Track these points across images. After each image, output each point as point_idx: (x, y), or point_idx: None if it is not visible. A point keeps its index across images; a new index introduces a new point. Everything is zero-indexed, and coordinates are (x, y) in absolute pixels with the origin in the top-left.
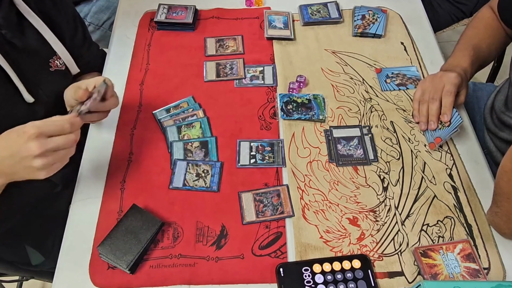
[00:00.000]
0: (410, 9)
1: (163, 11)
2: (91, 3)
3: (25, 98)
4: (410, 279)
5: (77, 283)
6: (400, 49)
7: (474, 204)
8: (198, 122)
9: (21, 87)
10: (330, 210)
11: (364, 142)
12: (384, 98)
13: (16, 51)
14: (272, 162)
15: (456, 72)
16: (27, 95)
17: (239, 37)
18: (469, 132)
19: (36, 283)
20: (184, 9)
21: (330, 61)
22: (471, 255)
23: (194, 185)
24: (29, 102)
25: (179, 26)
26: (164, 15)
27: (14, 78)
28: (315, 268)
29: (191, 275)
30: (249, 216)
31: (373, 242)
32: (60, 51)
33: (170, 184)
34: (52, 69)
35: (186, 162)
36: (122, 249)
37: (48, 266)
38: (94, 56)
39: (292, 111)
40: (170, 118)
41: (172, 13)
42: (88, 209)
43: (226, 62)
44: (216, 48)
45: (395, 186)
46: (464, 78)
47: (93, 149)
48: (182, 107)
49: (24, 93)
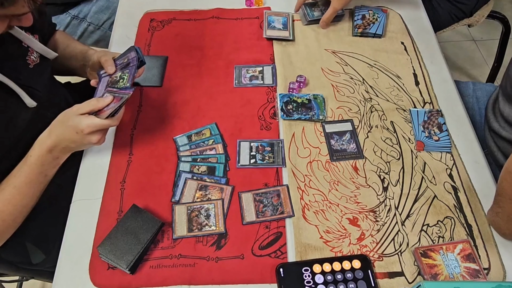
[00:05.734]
0: (410, 9)
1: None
2: (91, 3)
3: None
4: (410, 280)
5: (77, 283)
6: (400, 49)
7: (474, 204)
8: (215, 158)
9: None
10: (330, 210)
11: (356, 137)
12: (384, 98)
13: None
14: (272, 162)
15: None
16: (29, 100)
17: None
18: (469, 132)
19: (36, 283)
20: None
21: (330, 61)
22: (471, 256)
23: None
24: (32, 107)
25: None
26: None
27: (13, 86)
28: (315, 268)
29: (191, 275)
30: (249, 216)
31: (373, 242)
32: (33, 45)
33: (173, 197)
34: (31, 66)
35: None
36: (122, 249)
37: (48, 266)
38: (47, 17)
39: (292, 111)
40: (189, 149)
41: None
42: (88, 209)
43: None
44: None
45: (395, 186)
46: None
47: (93, 149)
48: (204, 134)
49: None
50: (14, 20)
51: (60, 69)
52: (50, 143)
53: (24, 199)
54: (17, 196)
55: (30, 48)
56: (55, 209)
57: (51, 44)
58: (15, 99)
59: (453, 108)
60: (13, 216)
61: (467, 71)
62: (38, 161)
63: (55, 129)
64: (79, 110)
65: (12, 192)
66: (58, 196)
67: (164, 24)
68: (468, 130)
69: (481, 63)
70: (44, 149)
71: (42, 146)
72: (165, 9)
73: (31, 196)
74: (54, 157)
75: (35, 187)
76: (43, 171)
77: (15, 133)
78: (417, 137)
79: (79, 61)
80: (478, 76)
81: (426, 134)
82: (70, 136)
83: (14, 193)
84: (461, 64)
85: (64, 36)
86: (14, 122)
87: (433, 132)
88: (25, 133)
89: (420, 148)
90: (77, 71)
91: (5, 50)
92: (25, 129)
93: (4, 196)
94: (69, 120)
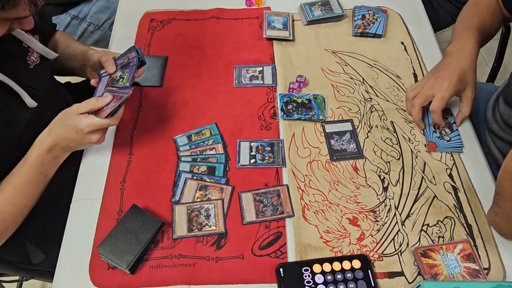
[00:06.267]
0: (410, 9)
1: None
2: (91, 3)
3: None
4: (410, 279)
5: (77, 283)
6: (400, 49)
7: (474, 204)
8: (215, 158)
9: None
10: (330, 210)
11: (356, 137)
12: (384, 98)
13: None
14: (272, 162)
15: (451, 80)
16: (30, 100)
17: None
18: (469, 132)
19: (36, 283)
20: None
21: (330, 61)
22: (471, 255)
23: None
24: (32, 107)
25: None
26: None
27: (14, 86)
28: (315, 268)
29: (191, 275)
30: (249, 216)
31: (373, 242)
32: (33, 45)
33: (173, 197)
34: (31, 66)
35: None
36: (122, 249)
37: (48, 266)
38: (47, 18)
39: (292, 111)
40: (189, 149)
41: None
42: (88, 209)
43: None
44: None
45: (395, 186)
46: (465, 81)
47: (93, 149)
48: (204, 134)
49: (27, 98)
50: (16, 23)
51: (60, 70)
52: (50, 142)
53: (24, 199)
54: (17, 196)
55: (31, 49)
56: (55, 209)
57: (51, 45)
58: (15, 99)
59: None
60: (13, 216)
61: None
62: (38, 161)
63: (55, 128)
64: (79, 110)
65: (12, 192)
66: (58, 196)
67: (164, 24)
68: (468, 130)
69: (481, 63)
70: (44, 149)
71: (42, 145)
72: (165, 9)
73: (31, 196)
74: (54, 156)
75: (35, 186)
76: (43, 170)
77: (15, 133)
78: (429, 138)
79: (79, 61)
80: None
81: (438, 134)
82: (70, 135)
83: (14, 193)
84: None
85: (64, 37)
86: (15, 122)
87: (444, 132)
88: (25, 133)
89: (432, 149)
90: (77, 71)
91: (5, 50)
92: (25, 129)
93: (4, 195)
94: (69, 119)
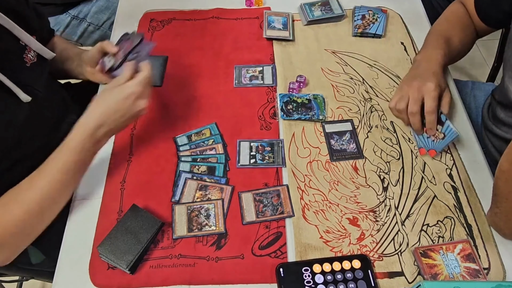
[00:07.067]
0: (410, 9)
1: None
2: (91, 3)
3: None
4: (410, 279)
5: (77, 283)
6: (400, 49)
7: (474, 204)
8: (215, 158)
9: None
10: (330, 210)
11: (356, 137)
12: (384, 98)
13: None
14: (272, 162)
15: (433, 80)
16: (24, 95)
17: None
18: (469, 132)
19: (36, 283)
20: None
21: (330, 61)
22: (471, 255)
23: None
24: (27, 101)
25: None
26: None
27: (6, 81)
28: (315, 268)
29: (191, 275)
30: (249, 216)
31: (373, 242)
32: (30, 43)
33: (173, 197)
34: (28, 64)
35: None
36: (122, 249)
37: (48, 266)
38: (45, 21)
39: (292, 111)
40: (189, 149)
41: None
42: (88, 209)
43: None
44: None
45: (395, 186)
46: (442, 83)
47: None
48: (204, 134)
49: (21, 94)
50: None
51: (56, 72)
52: (95, 122)
53: (63, 189)
54: (54, 186)
55: (28, 47)
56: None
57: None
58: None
59: (452, 107)
60: (51, 209)
61: (467, 71)
62: (78, 147)
63: (98, 108)
64: (119, 81)
65: (48, 182)
66: None
67: (164, 24)
68: (467, 130)
69: (481, 63)
70: (87, 132)
71: (85, 128)
72: (165, 9)
73: (68, 185)
74: (96, 140)
75: (73, 176)
76: (82, 158)
77: (15, 133)
78: (427, 146)
79: (75, 62)
80: (478, 76)
81: (433, 138)
82: (119, 106)
83: (50, 184)
84: (461, 64)
85: (61, 40)
86: (14, 121)
87: (437, 132)
88: (24, 132)
89: (433, 155)
90: (73, 72)
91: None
92: (24, 127)
93: (39, 188)
94: (113, 91)
